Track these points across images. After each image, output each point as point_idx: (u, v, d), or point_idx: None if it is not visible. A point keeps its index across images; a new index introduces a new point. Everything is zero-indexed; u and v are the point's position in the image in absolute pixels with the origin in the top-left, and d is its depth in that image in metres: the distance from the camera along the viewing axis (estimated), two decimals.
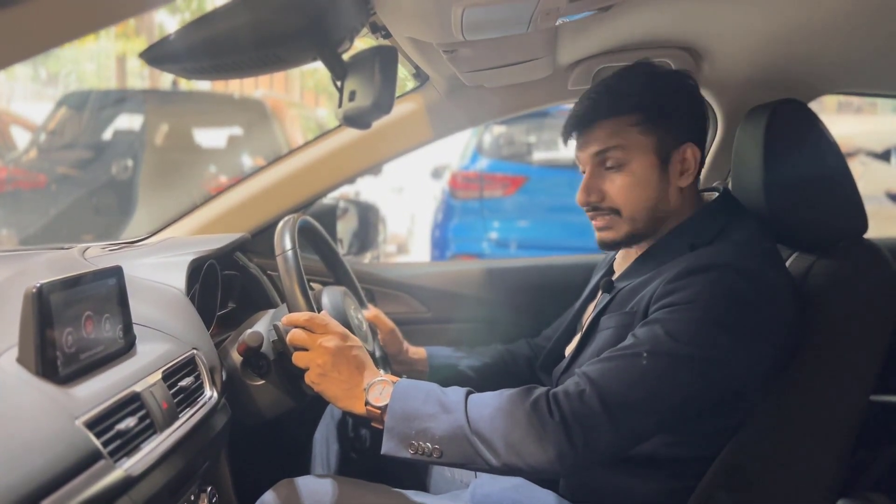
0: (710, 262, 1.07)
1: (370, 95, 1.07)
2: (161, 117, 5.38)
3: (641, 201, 1.18)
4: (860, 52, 1.43)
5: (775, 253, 1.17)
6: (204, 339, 1.21)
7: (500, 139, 4.82)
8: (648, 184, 1.17)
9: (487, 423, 1.02)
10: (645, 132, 1.17)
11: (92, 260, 1.39)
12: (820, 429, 1.15)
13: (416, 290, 1.85)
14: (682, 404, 1.04)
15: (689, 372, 1.02)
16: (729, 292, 1.04)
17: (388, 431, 1.05)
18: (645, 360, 1.02)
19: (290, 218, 1.29)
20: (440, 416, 1.04)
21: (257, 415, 1.26)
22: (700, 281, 1.05)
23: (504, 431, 1.01)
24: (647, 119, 1.16)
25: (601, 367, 1.04)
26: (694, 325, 1.02)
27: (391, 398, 1.07)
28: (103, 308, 0.96)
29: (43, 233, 4.54)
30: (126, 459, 0.85)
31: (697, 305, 1.03)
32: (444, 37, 1.12)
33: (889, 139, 6.05)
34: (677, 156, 1.18)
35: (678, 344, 1.02)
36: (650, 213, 1.18)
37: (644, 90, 1.17)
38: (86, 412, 0.83)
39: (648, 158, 1.17)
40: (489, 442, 1.01)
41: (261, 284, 1.66)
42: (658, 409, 1.03)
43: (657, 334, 1.03)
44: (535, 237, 4.55)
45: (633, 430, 1.03)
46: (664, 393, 1.02)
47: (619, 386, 1.01)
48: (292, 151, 1.77)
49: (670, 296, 1.06)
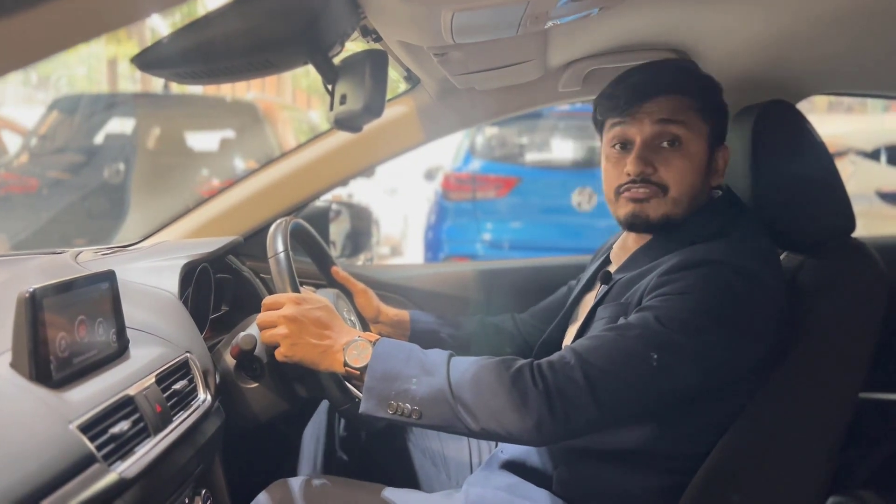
0: (705, 258, 1.08)
1: (361, 99, 1.07)
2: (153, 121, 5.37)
3: (688, 185, 1.17)
4: (848, 53, 1.45)
5: (772, 252, 1.17)
6: (197, 343, 1.21)
7: (492, 140, 4.83)
8: (699, 170, 1.17)
9: (468, 388, 1.03)
10: (704, 119, 1.17)
11: (85, 264, 1.39)
12: (810, 427, 1.16)
13: (409, 291, 1.86)
14: (666, 390, 1.05)
15: (675, 357, 1.03)
16: (723, 287, 1.06)
17: (368, 391, 1.06)
18: (632, 341, 1.03)
19: (283, 221, 1.30)
20: (421, 377, 1.05)
21: (251, 418, 1.26)
22: (694, 275, 1.06)
23: (485, 397, 1.02)
24: (705, 107, 1.17)
25: (589, 344, 1.06)
26: (685, 314, 1.04)
27: (371, 358, 1.07)
28: (96, 312, 0.96)
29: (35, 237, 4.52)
30: (120, 463, 0.85)
31: (690, 297, 1.05)
32: (435, 40, 1.13)
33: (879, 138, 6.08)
34: (719, 152, 1.21)
35: (667, 330, 1.03)
36: (690, 200, 1.18)
37: (705, 80, 1.21)
38: (79, 416, 0.83)
39: (703, 145, 1.17)
40: (469, 406, 1.02)
41: (254, 287, 1.66)
42: (641, 389, 1.04)
43: (648, 320, 1.05)
44: (528, 238, 4.55)
45: (615, 408, 1.04)
46: (648, 374, 1.03)
47: (604, 362, 1.02)
48: (284, 154, 1.77)
49: (664, 287, 1.08)
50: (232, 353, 1.25)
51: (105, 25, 0.47)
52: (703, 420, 1.14)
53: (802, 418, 1.16)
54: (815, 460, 1.16)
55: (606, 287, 1.23)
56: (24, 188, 4.95)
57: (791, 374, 1.14)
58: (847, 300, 1.16)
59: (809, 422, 1.16)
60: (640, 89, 1.17)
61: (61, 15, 0.43)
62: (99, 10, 0.45)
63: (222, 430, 1.16)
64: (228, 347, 1.27)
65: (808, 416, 1.16)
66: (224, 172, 5.29)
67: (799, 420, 1.16)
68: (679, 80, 1.18)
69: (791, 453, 1.16)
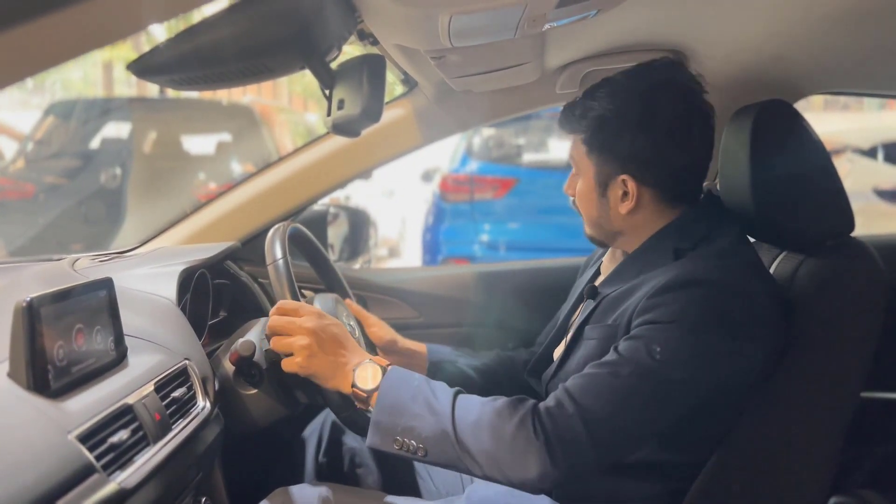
0: (692, 278, 1.06)
1: (359, 104, 1.07)
2: (149, 125, 5.35)
3: (587, 213, 1.23)
4: (845, 52, 1.45)
5: (758, 263, 1.17)
6: (196, 350, 1.21)
7: (489, 141, 4.83)
8: (591, 202, 1.21)
9: (471, 435, 1.03)
10: (588, 155, 1.18)
11: (82, 271, 1.38)
12: (811, 428, 1.16)
13: (407, 294, 1.85)
14: (663, 420, 1.06)
15: (671, 390, 1.03)
16: (713, 310, 1.04)
17: (374, 425, 1.06)
18: (629, 381, 1.02)
19: (281, 226, 1.29)
20: (426, 416, 1.04)
21: (251, 424, 1.26)
22: (683, 297, 1.04)
23: (487, 446, 1.02)
24: (587, 144, 1.18)
25: (585, 385, 1.04)
26: (678, 345, 1.02)
27: (380, 388, 1.07)
28: (94, 320, 0.96)
29: (32, 243, 4.50)
30: (120, 472, 0.85)
31: (681, 324, 1.03)
32: (432, 44, 1.13)
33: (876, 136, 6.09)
34: (615, 185, 1.17)
35: (663, 366, 1.01)
36: (598, 226, 1.23)
37: (590, 118, 1.16)
38: (78, 426, 0.83)
39: (588, 181, 1.20)
40: (472, 454, 1.02)
41: (252, 293, 1.66)
42: (639, 426, 1.04)
43: (641, 354, 1.03)
44: (525, 239, 4.55)
45: (615, 448, 1.05)
46: (648, 415, 1.03)
47: (602, 408, 1.01)
48: (281, 159, 1.77)
49: (652, 311, 1.05)
50: (231, 360, 1.24)
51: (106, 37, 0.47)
52: (703, 430, 1.14)
53: (803, 419, 1.15)
54: (817, 460, 1.16)
55: (593, 303, 1.22)
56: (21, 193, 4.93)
57: (791, 375, 1.13)
58: (846, 300, 1.15)
59: (810, 422, 1.16)
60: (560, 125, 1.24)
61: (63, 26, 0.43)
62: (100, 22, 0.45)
63: (222, 437, 1.16)
64: (227, 354, 1.27)
65: (808, 416, 1.16)
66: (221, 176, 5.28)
67: (800, 421, 1.15)
68: (570, 120, 1.20)
69: (792, 455, 1.16)
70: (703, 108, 1.16)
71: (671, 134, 1.12)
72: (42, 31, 0.42)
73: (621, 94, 1.14)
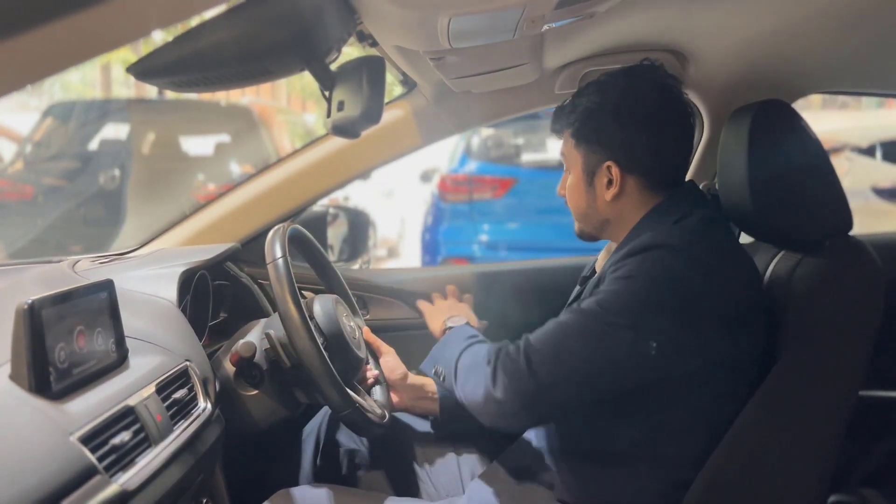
0: (648, 243, 1.12)
1: (359, 105, 1.07)
2: (147, 126, 5.35)
3: (576, 206, 1.30)
4: (843, 51, 1.45)
5: (726, 243, 1.18)
6: (196, 351, 1.21)
7: (488, 142, 4.82)
8: (579, 193, 1.28)
9: (460, 362, 1.23)
10: (577, 147, 1.27)
11: (82, 273, 1.38)
12: (811, 425, 1.16)
13: (407, 295, 1.85)
14: (607, 373, 1.09)
15: (612, 340, 1.07)
16: (661, 270, 1.09)
17: (429, 357, 1.37)
18: (572, 322, 1.11)
19: (281, 227, 1.29)
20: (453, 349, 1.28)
21: (252, 425, 1.26)
22: (637, 260, 1.11)
23: (462, 373, 1.21)
24: (576, 137, 1.26)
25: (540, 330, 1.15)
26: (627, 298, 1.09)
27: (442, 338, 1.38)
28: (95, 322, 0.96)
29: (31, 245, 4.50)
30: (122, 474, 0.85)
31: (631, 281, 1.09)
32: (431, 45, 1.13)
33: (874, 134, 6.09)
34: (601, 173, 1.24)
35: (608, 312, 1.08)
36: (586, 218, 1.30)
37: (578, 111, 1.25)
38: (80, 427, 0.83)
39: (578, 172, 1.27)
40: (456, 378, 1.22)
41: (252, 294, 1.66)
42: (578, 369, 1.09)
43: (591, 303, 1.11)
44: (525, 239, 4.55)
45: (554, 386, 1.10)
46: (584, 353, 1.09)
47: (545, 344, 1.11)
48: (281, 160, 1.77)
49: (611, 274, 1.13)
50: (231, 361, 1.25)
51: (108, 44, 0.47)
52: (698, 422, 1.14)
53: (803, 417, 1.16)
54: (817, 458, 1.16)
55: (580, 288, 1.27)
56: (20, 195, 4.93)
57: (790, 374, 1.14)
58: (845, 298, 1.16)
59: (810, 420, 1.16)
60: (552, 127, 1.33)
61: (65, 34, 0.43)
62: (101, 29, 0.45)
63: (223, 439, 1.16)
64: (228, 355, 1.27)
65: (808, 414, 1.16)
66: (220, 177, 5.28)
67: (799, 418, 1.16)
68: (559, 119, 1.30)
69: (792, 453, 1.16)
70: (680, 102, 1.24)
71: (650, 123, 1.21)
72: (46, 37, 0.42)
73: (606, 89, 1.24)
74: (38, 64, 0.46)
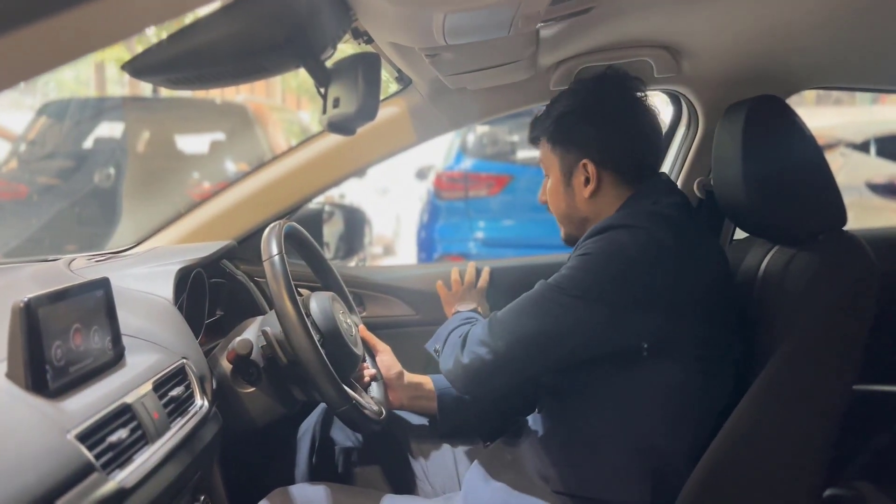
0: (609, 224, 1.20)
1: (354, 102, 1.07)
2: (142, 124, 5.32)
3: (557, 208, 1.37)
4: (838, 47, 1.45)
5: (686, 225, 1.21)
6: (193, 348, 1.21)
7: (483, 139, 4.81)
8: (559, 195, 1.35)
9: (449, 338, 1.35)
10: (553, 151, 1.35)
11: (78, 271, 1.38)
12: (806, 420, 1.16)
13: (403, 292, 1.85)
14: (555, 340, 1.17)
15: (561, 308, 1.15)
16: (616, 246, 1.16)
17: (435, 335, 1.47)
18: (532, 295, 1.21)
19: (276, 224, 1.29)
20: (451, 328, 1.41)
21: (249, 422, 1.26)
22: (596, 239, 1.19)
23: (447, 345, 1.33)
24: (552, 140, 1.35)
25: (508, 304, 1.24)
26: (578, 272, 1.17)
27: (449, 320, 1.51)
28: (91, 320, 0.96)
29: (26, 244, 4.48)
30: (119, 471, 0.85)
31: (586, 258, 1.17)
32: (426, 42, 1.13)
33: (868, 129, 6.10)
34: (578, 172, 1.31)
35: (560, 286, 1.17)
36: (568, 217, 1.37)
37: (552, 117, 1.34)
38: (77, 425, 0.83)
39: (556, 173, 1.35)
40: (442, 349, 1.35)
41: (248, 291, 1.66)
42: (529, 335, 1.18)
43: (551, 279, 1.20)
44: (521, 236, 4.54)
45: (508, 352, 1.19)
46: (535, 322, 1.18)
47: (506, 314, 1.22)
48: (276, 157, 1.76)
49: (573, 255, 1.22)
50: (228, 358, 1.25)
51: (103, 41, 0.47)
52: (684, 412, 1.17)
53: (797, 411, 1.16)
54: (812, 453, 1.17)
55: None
56: (14, 195, 4.90)
57: (785, 368, 1.14)
58: (839, 293, 1.16)
59: (804, 414, 1.16)
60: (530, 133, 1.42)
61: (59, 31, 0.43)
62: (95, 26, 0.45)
63: (220, 436, 1.16)
64: (224, 352, 1.27)
65: (802, 409, 1.16)
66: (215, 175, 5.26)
67: (794, 413, 1.16)
68: (535, 127, 1.39)
69: (788, 446, 1.17)
70: (645, 102, 1.33)
71: (619, 122, 1.30)
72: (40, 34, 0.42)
73: (577, 94, 1.34)
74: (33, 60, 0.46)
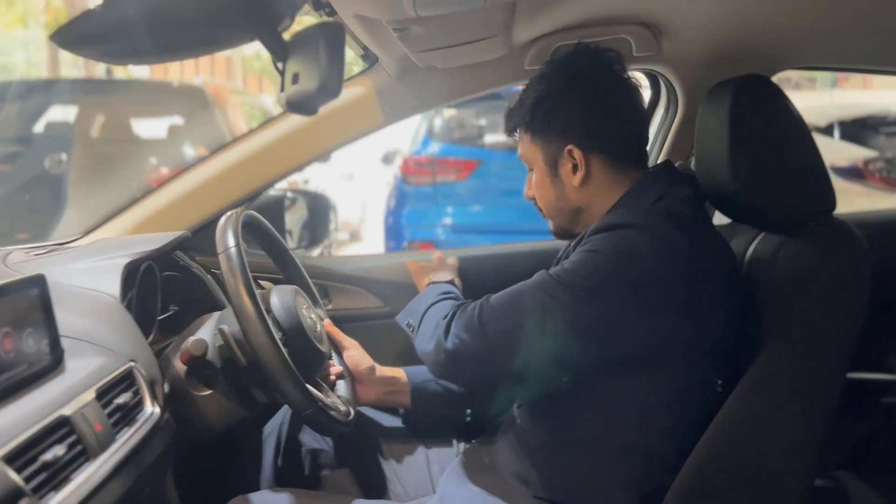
0: (618, 221, 1.11)
1: (315, 78, 0.98)
2: (96, 107, 5.15)
3: (546, 202, 1.28)
4: (823, 25, 1.42)
5: (697, 222, 1.14)
6: (143, 350, 1.13)
7: (451, 123, 4.78)
8: (546, 187, 1.26)
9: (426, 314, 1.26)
10: (533, 141, 1.25)
11: (14, 266, 1.29)
12: (799, 411, 1.13)
13: (371, 283, 1.79)
14: (553, 339, 1.07)
15: (564, 307, 1.07)
16: (626, 246, 1.07)
17: (406, 308, 1.37)
18: (530, 286, 1.12)
19: (233, 213, 1.21)
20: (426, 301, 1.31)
21: (206, 428, 1.19)
22: (604, 236, 1.10)
23: (425, 322, 1.24)
24: (530, 130, 1.25)
25: (500, 291, 1.16)
26: (584, 269, 1.08)
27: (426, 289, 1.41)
28: (24, 322, 0.88)
29: None
30: (53, 494, 0.78)
31: (593, 255, 1.09)
32: (395, 13, 1.05)
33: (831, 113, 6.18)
34: (564, 160, 1.22)
35: (564, 282, 1.08)
36: (558, 210, 1.27)
37: (527, 104, 1.24)
38: (4, 444, 0.75)
39: (540, 166, 1.25)
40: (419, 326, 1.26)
41: (205, 285, 1.57)
42: (525, 330, 1.08)
43: (552, 273, 1.12)
44: (489, 221, 4.53)
45: (501, 346, 1.11)
46: (534, 318, 1.08)
47: (500, 302, 1.13)
48: (234, 141, 1.68)
49: (577, 249, 1.13)
50: (182, 360, 1.16)
51: None
52: (681, 415, 1.12)
53: (790, 402, 1.12)
54: (805, 443, 1.13)
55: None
56: None
57: (776, 358, 1.11)
58: (831, 281, 1.13)
59: (798, 405, 1.13)
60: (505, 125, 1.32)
61: None
62: None
63: (174, 445, 1.09)
64: (178, 353, 1.19)
65: (795, 399, 1.13)
66: (173, 160, 5.12)
67: (787, 404, 1.12)
68: (512, 120, 1.29)
69: (780, 437, 1.13)
70: (626, 77, 1.23)
71: (600, 98, 1.20)
72: None
73: (550, 75, 1.23)
74: None
